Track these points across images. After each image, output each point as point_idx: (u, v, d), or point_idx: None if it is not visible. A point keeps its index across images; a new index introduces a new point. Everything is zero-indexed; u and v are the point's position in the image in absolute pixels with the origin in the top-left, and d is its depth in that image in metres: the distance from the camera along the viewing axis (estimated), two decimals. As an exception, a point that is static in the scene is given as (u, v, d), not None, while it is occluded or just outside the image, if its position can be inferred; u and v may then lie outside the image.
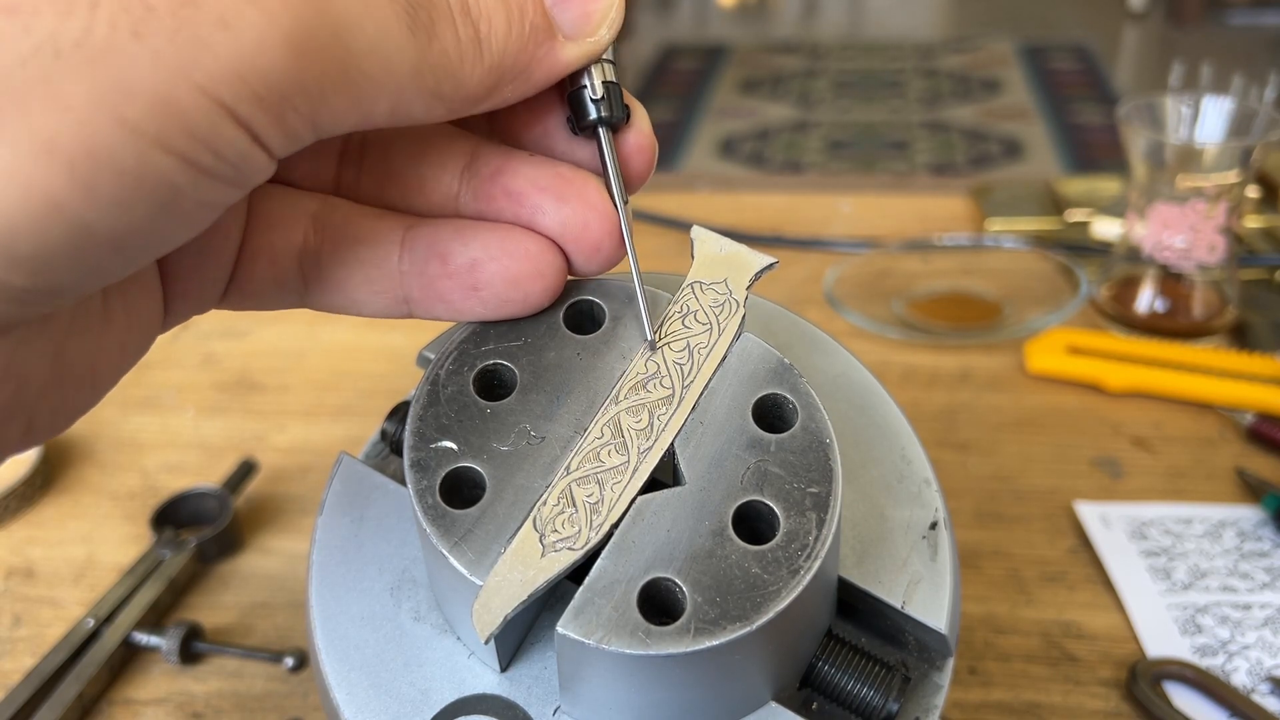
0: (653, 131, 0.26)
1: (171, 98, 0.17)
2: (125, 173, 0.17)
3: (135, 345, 0.24)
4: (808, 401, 0.25)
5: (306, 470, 0.53)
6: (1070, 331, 0.60)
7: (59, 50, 0.17)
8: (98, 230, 0.18)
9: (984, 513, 0.48)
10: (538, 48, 0.23)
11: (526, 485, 0.24)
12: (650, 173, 0.26)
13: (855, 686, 0.25)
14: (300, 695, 0.41)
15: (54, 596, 0.46)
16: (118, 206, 0.17)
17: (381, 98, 0.20)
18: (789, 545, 0.23)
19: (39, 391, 0.21)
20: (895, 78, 3.01)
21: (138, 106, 0.17)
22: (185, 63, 0.17)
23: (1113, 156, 2.33)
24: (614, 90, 0.25)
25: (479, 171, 0.25)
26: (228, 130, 0.18)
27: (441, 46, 0.21)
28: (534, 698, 0.25)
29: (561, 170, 0.25)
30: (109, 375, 0.23)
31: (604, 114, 0.24)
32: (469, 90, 0.22)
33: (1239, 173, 0.56)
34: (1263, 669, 0.40)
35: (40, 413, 0.22)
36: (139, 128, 0.17)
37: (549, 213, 0.25)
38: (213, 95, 0.17)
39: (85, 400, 0.23)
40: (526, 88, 0.23)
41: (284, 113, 0.18)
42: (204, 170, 0.18)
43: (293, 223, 0.25)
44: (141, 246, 0.19)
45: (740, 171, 2.43)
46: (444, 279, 0.25)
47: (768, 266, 0.27)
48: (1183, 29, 3.17)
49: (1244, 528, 0.47)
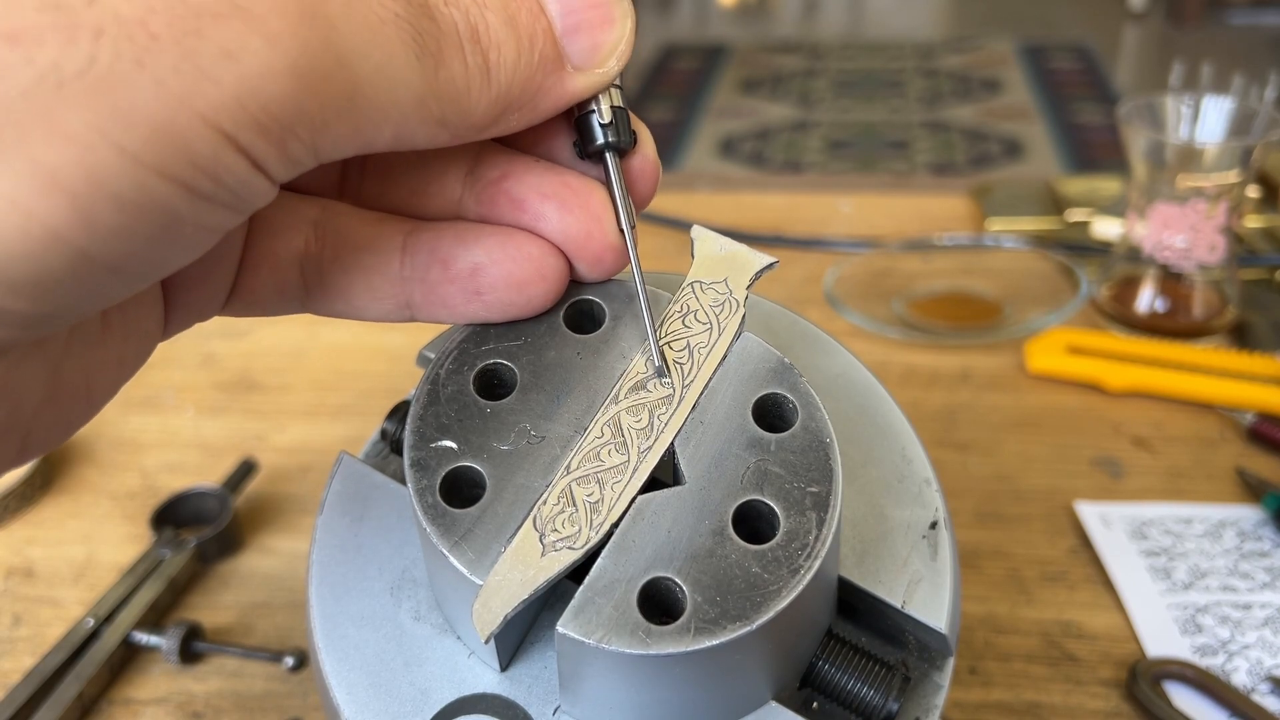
0: (657, 155, 0.26)
1: (173, 127, 0.17)
2: (126, 201, 0.17)
3: (133, 358, 0.24)
4: (808, 401, 0.25)
5: (306, 470, 0.53)
6: (1070, 331, 0.60)
7: (62, 80, 0.16)
8: (98, 257, 0.17)
9: (984, 513, 0.48)
10: (546, 77, 0.22)
11: (526, 485, 0.24)
12: (653, 194, 0.26)
13: (855, 686, 0.25)
14: (300, 695, 0.41)
15: (54, 596, 0.46)
16: (118, 235, 0.17)
17: (385, 125, 0.20)
18: (789, 545, 0.23)
19: (35, 409, 0.21)
20: (895, 78, 3.01)
21: (139, 136, 0.17)
22: (188, 92, 0.17)
23: (1113, 156, 2.33)
24: (621, 116, 0.24)
25: (483, 176, 0.25)
26: (228, 158, 0.18)
27: (449, 75, 0.20)
28: (534, 697, 0.25)
29: (567, 178, 0.25)
30: (106, 389, 0.23)
31: (611, 139, 0.24)
32: (474, 119, 0.22)
33: (1239, 172, 0.56)
34: (1263, 669, 0.40)
35: (36, 429, 0.22)
36: (140, 157, 0.17)
37: (552, 220, 0.25)
38: (214, 124, 0.17)
39: (82, 414, 0.23)
40: (532, 116, 0.23)
41: (286, 140, 0.18)
42: (204, 197, 0.18)
43: (294, 230, 0.25)
44: (141, 271, 0.19)
45: (740, 171, 2.43)
46: (446, 284, 0.25)
47: (768, 266, 0.27)
48: (1183, 29, 3.17)
49: (1244, 528, 0.47)
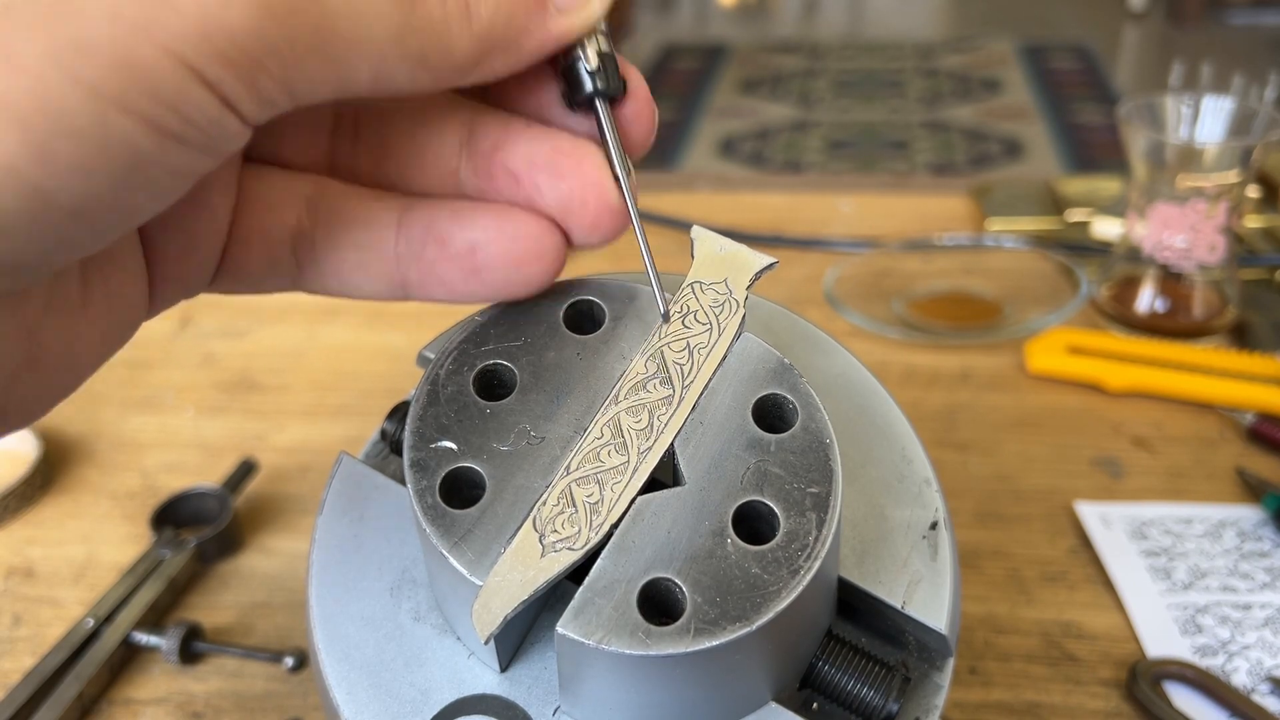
0: (651, 97, 0.25)
1: (132, 57, 0.16)
2: (84, 136, 0.16)
3: (118, 330, 0.23)
4: (808, 401, 0.25)
5: (306, 470, 0.53)
6: (1070, 331, 0.60)
7: (9, 4, 0.16)
8: (58, 198, 0.17)
9: (984, 513, 0.48)
10: (529, 18, 0.22)
11: (526, 485, 0.24)
12: (651, 139, 0.25)
13: (855, 686, 0.25)
14: (300, 695, 0.41)
15: (54, 596, 0.46)
16: (77, 172, 0.17)
17: (361, 63, 0.19)
18: (789, 545, 0.23)
19: (11, 375, 0.21)
20: (895, 78, 3.01)
21: (96, 66, 0.16)
22: (146, 20, 0.16)
23: (1113, 156, 2.33)
24: (609, 61, 0.24)
25: (478, 146, 0.25)
26: (195, 93, 0.17)
27: (426, 10, 0.20)
28: (534, 698, 0.25)
29: (559, 143, 0.24)
30: (88, 361, 0.23)
31: (600, 86, 0.24)
32: (456, 59, 0.21)
33: (1239, 172, 0.56)
34: (1263, 669, 0.40)
35: (13, 398, 0.21)
36: (98, 88, 0.16)
37: (546, 190, 0.24)
38: (177, 55, 0.17)
39: (63, 386, 0.22)
40: (516, 59, 0.23)
41: (255, 75, 0.18)
42: (170, 135, 0.17)
43: (285, 205, 0.25)
44: (108, 217, 0.18)
45: (740, 171, 2.43)
46: (443, 262, 0.24)
47: (768, 266, 0.27)
48: (1183, 29, 3.17)
49: (1244, 528, 0.47)
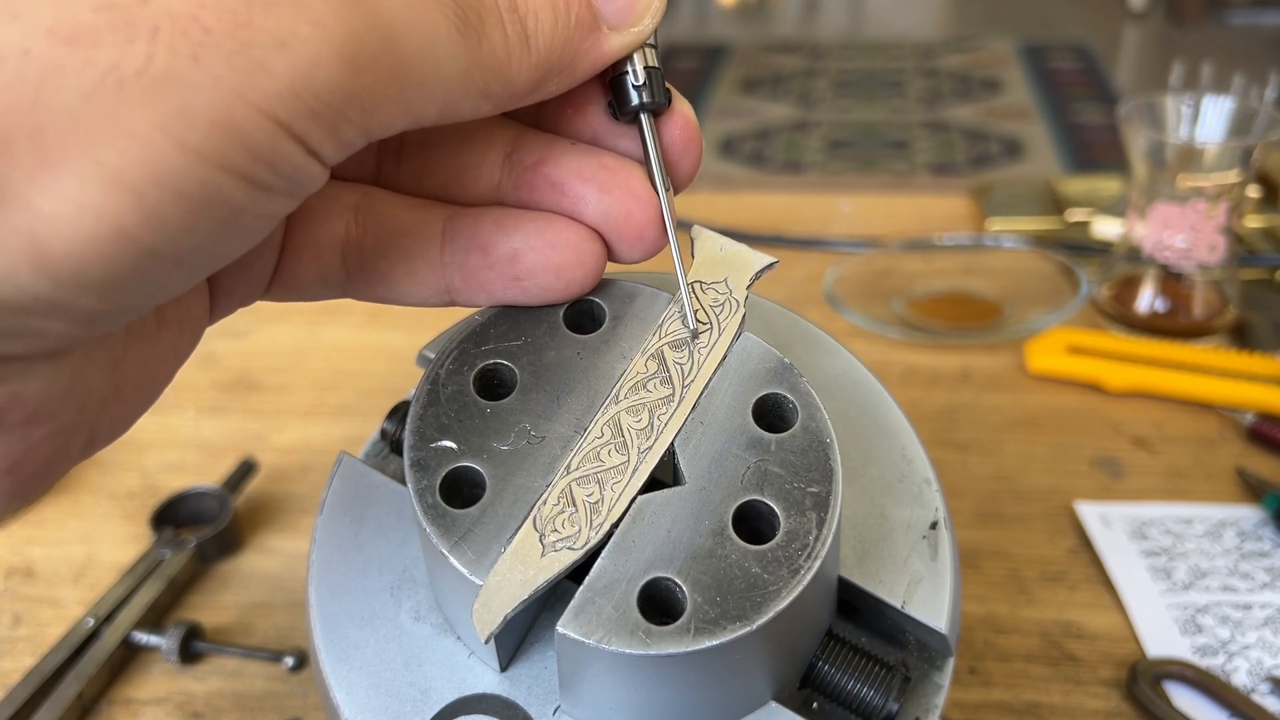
0: (697, 121, 0.26)
1: (231, 120, 0.17)
2: (190, 197, 0.17)
3: (186, 345, 0.24)
4: (808, 401, 0.25)
5: (306, 470, 0.53)
6: (1070, 331, 0.60)
7: (122, 80, 0.16)
8: (164, 253, 0.18)
9: (984, 513, 0.48)
10: (583, 40, 0.23)
11: (526, 485, 0.24)
12: (698, 163, 0.26)
13: (855, 686, 0.25)
14: (300, 695, 0.41)
15: (54, 596, 0.46)
16: (183, 230, 0.18)
17: (432, 101, 0.20)
18: (789, 545, 0.23)
19: (100, 405, 0.21)
20: (895, 77, 3.01)
21: (200, 131, 0.17)
22: (244, 84, 0.17)
23: (1113, 156, 2.33)
24: (655, 75, 0.25)
25: (521, 161, 0.25)
26: (284, 146, 0.18)
27: (490, 46, 0.21)
28: (534, 697, 0.25)
29: (604, 159, 0.25)
30: (163, 378, 0.24)
31: (645, 99, 0.24)
32: (516, 87, 0.22)
33: (1239, 172, 0.56)
34: (1263, 669, 0.40)
35: (101, 424, 0.22)
36: (202, 152, 0.17)
37: (591, 203, 0.25)
38: (270, 114, 0.17)
39: (142, 404, 0.23)
40: (572, 80, 0.23)
41: (338, 124, 0.19)
42: (262, 186, 0.18)
43: (335, 215, 0.25)
44: (204, 262, 0.19)
45: (740, 171, 2.43)
46: (486, 270, 0.25)
47: (768, 266, 0.27)
48: (1183, 29, 3.17)
49: (1244, 528, 0.47)
